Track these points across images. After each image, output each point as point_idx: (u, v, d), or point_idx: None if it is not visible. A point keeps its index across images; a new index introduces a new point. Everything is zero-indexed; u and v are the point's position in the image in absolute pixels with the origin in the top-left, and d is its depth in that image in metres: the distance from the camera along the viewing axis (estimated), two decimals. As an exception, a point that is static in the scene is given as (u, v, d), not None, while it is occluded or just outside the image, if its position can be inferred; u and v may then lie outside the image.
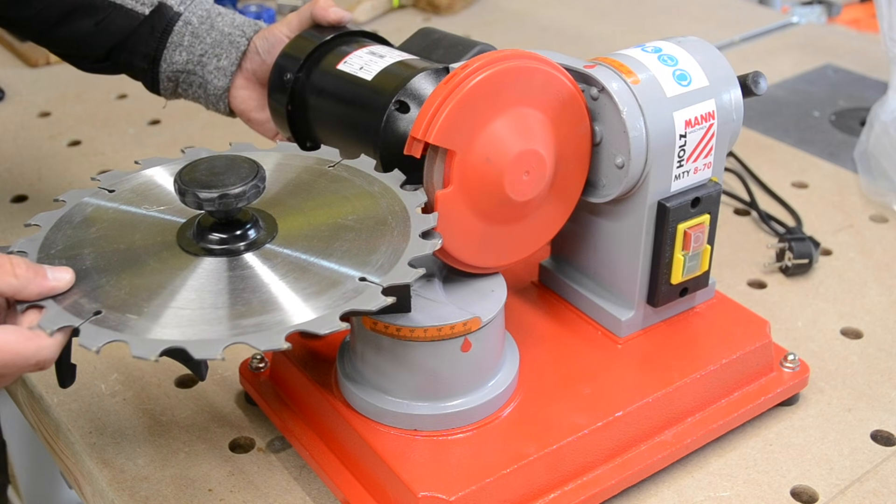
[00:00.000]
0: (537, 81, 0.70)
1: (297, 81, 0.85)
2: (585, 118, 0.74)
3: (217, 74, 0.91)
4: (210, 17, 0.92)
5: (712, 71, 0.76)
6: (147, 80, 0.95)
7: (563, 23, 1.72)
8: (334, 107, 0.81)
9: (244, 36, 0.91)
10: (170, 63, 0.92)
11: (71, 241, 0.67)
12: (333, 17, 0.88)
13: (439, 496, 0.66)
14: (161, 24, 0.91)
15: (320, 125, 0.84)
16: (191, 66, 0.92)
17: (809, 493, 0.76)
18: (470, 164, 0.69)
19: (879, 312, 0.97)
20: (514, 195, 0.70)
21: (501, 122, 0.69)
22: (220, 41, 0.91)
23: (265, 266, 0.64)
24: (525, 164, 0.70)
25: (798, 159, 1.25)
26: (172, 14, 0.91)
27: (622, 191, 0.75)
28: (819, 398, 0.85)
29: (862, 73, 1.49)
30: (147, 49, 0.92)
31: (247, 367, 0.83)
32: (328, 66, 0.83)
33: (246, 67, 0.92)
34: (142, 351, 0.56)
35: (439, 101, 0.67)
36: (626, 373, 0.78)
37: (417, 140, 0.67)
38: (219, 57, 0.91)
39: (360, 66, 0.80)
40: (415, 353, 0.69)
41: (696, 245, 0.78)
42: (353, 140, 0.79)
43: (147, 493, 0.75)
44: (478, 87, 0.67)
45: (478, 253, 0.73)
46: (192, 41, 0.91)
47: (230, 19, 0.93)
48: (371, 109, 0.76)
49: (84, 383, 0.86)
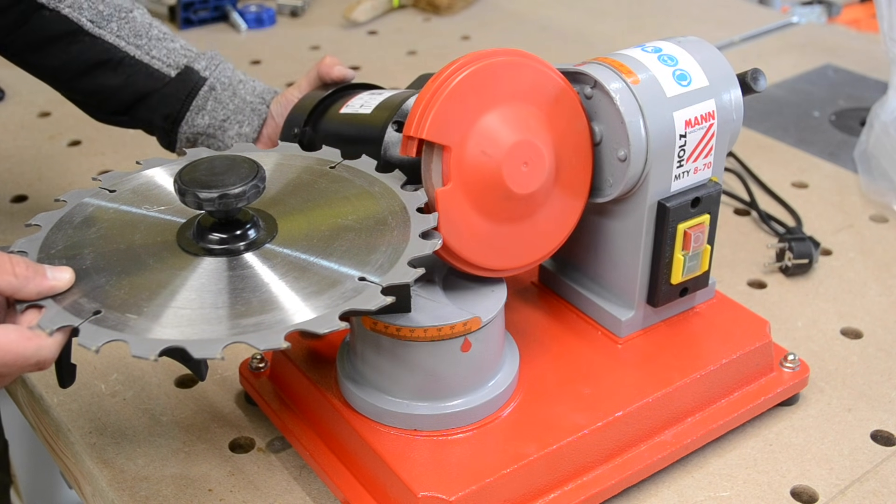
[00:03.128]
0: (527, 77, 0.71)
1: (304, 134, 0.87)
2: (581, 113, 0.74)
3: (238, 140, 0.94)
4: (232, 84, 0.95)
5: (712, 71, 0.76)
6: (163, 138, 0.97)
7: (563, 23, 1.72)
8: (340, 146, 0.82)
9: (264, 103, 0.95)
10: (191, 125, 0.94)
11: (71, 241, 0.67)
12: (338, 74, 0.92)
13: (439, 496, 0.66)
14: (186, 88, 0.93)
15: None
16: (212, 129, 0.94)
17: (809, 493, 0.76)
18: (467, 159, 0.68)
19: (879, 312, 0.97)
20: (515, 187, 0.70)
21: (493, 115, 0.69)
22: (242, 108, 0.94)
23: (265, 266, 0.64)
24: (522, 154, 0.70)
25: (798, 159, 1.25)
26: (198, 78, 0.93)
27: (624, 188, 0.75)
28: (819, 398, 0.85)
29: (862, 73, 1.49)
30: (170, 110, 0.93)
31: (247, 367, 0.83)
32: (332, 113, 0.87)
33: (264, 133, 0.95)
34: (141, 350, 0.56)
35: (429, 97, 0.67)
36: (626, 373, 0.78)
37: (411, 138, 0.68)
38: (241, 123, 0.94)
39: (360, 104, 0.83)
40: (415, 353, 0.69)
41: (696, 245, 0.78)
42: None
43: (147, 493, 0.75)
44: (466, 81, 0.68)
45: (486, 253, 0.72)
46: (214, 106, 0.94)
47: (251, 87, 0.96)
48: (371, 136, 0.78)
49: (84, 383, 0.86)
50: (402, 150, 0.69)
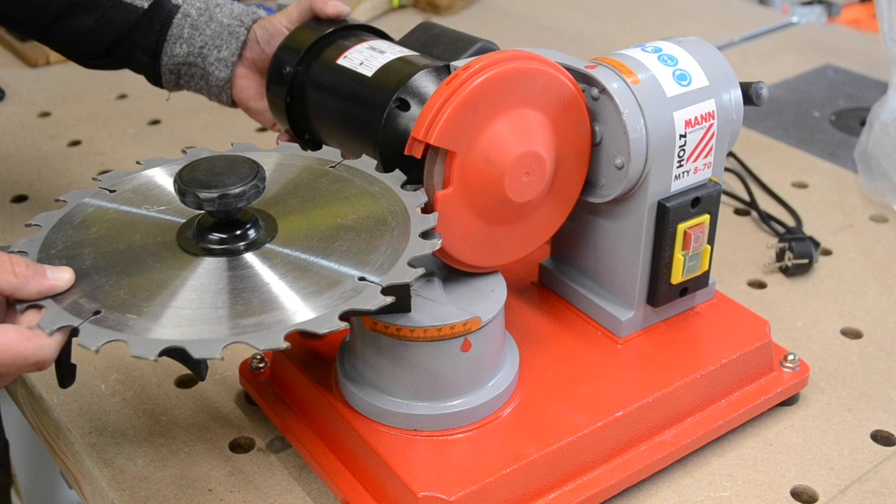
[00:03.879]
0: (539, 83, 0.70)
1: (296, 75, 0.85)
2: (586, 119, 0.73)
3: (218, 66, 0.92)
4: (209, 9, 0.93)
5: (712, 71, 0.76)
6: (149, 74, 0.95)
7: (563, 23, 1.72)
8: (334, 102, 0.80)
9: (243, 26, 0.92)
10: (171, 56, 0.92)
11: (71, 241, 0.67)
12: (332, 10, 0.88)
13: (439, 496, 0.66)
14: (160, 18, 0.91)
15: (319, 120, 0.84)
16: (192, 58, 0.92)
17: (809, 493, 0.76)
18: (470, 165, 0.69)
19: (879, 312, 0.97)
20: (513, 196, 0.70)
21: (502, 123, 0.69)
22: (219, 32, 0.92)
23: (265, 266, 0.64)
24: (525, 165, 0.70)
25: (798, 159, 1.25)
26: (171, 7, 0.92)
27: (622, 191, 0.75)
28: (819, 398, 0.85)
29: (862, 73, 1.49)
30: (147, 43, 0.92)
31: (247, 367, 0.83)
32: (328, 60, 0.83)
33: (246, 57, 0.92)
34: (141, 350, 0.56)
35: (441, 102, 0.67)
36: (626, 373, 0.78)
37: (418, 141, 0.67)
38: (219, 48, 0.91)
39: (361, 61, 0.80)
40: (415, 353, 0.69)
41: (696, 245, 0.78)
42: (354, 136, 0.79)
43: (147, 493, 0.75)
44: (480, 89, 0.67)
45: (476, 252, 0.73)
46: (191, 33, 0.91)
47: (228, 10, 0.93)
48: (371, 107, 0.76)
49: (84, 383, 0.86)
50: (408, 149, 0.68)
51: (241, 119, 1.31)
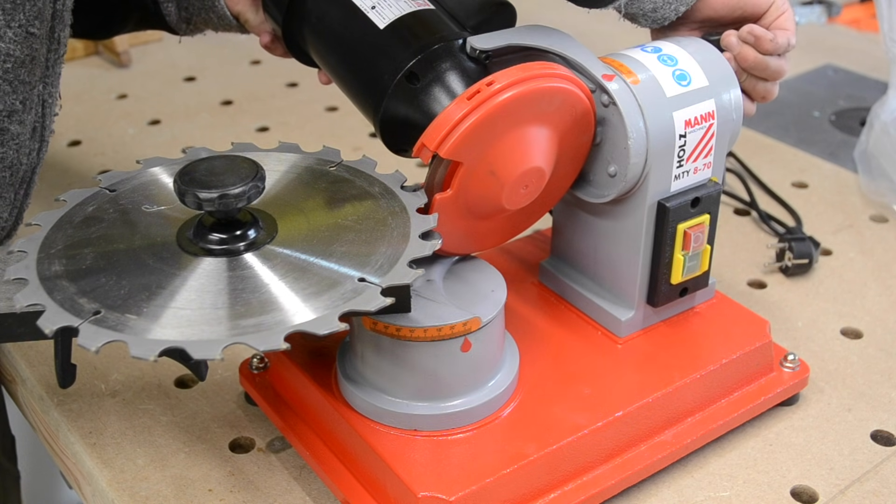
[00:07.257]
0: (557, 100, 0.69)
1: None
2: (592, 128, 0.73)
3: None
4: None
5: (712, 71, 0.76)
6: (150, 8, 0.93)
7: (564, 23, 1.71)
8: (339, 45, 0.75)
9: None
10: None
11: (71, 241, 0.67)
12: None
13: (439, 496, 0.66)
14: None
15: (319, 54, 0.79)
16: None
17: (809, 493, 0.76)
18: (474, 176, 0.69)
19: (879, 312, 0.97)
20: (508, 205, 0.71)
21: (514, 139, 0.69)
22: None
23: (265, 266, 0.64)
24: (527, 179, 0.70)
25: (798, 159, 1.25)
26: None
27: (619, 194, 0.75)
28: (819, 398, 0.85)
29: (862, 73, 1.49)
30: None
31: (247, 367, 0.83)
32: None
33: None
34: (141, 351, 0.56)
35: (459, 117, 0.66)
36: (626, 373, 0.78)
37: (427, 149, 0.67)
38: None
39: (373, 4, 0.74)
40: (415, 353, 0.69)
41: (696, 245, 0.78)
42: (354, 90, 0.76)
43: (147, 493, 0.75)
44: (500, 108, 0.66)
45: (458, 244, 0.74)
46: None
47: None
48: (379, 68, 0.72)
49: (84, 383, 0.86)
50: (415, 153, 0.68)
51: (242, 119, 1.32)
